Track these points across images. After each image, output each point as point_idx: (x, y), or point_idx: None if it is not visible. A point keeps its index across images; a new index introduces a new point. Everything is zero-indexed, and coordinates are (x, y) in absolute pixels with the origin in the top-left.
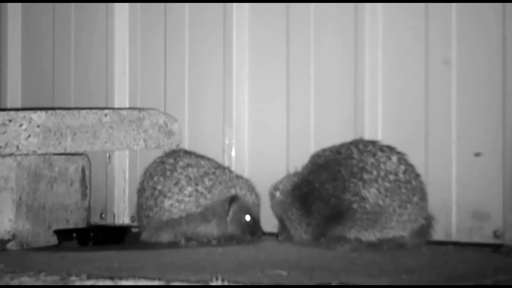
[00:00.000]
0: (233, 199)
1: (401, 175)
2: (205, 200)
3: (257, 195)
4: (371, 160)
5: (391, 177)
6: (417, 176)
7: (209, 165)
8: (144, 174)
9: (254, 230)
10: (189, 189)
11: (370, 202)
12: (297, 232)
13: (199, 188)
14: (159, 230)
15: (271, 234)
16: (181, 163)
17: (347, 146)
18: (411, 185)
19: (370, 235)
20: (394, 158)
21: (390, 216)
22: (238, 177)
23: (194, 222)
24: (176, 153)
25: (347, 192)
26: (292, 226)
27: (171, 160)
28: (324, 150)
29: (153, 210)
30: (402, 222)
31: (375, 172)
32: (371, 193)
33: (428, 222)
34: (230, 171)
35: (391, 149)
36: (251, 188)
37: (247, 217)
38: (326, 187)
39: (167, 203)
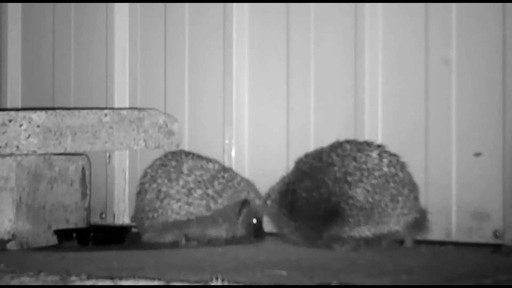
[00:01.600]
0: (244, 204)
1: (385, 169)
2: (216, 204)
3: (260, 195)
4: (352, 163)
5: (376, 173)
6: (403, 166)
7: (215, 168)
8: (144, 176)
9: (259, 231)
10: (199, 192)
11: (359, 200)
12: (288, 236)
13: (210, 192)
14: (163, 231)
15: (271, 234)
16: (185, 165)
17: (327, 153)
18: (398, 177)
19: (365, 231)
20: (374, 154)
21: (382, 212)
22: (243, 179)
23: (204, 225)
24: (178, 155)
25: (334, 196)
26: (283, 232)
27: (174, 162)
28: (307, 156)
29: (158, 212)
30: (396, 216)
31: (358, 173)
32: (358, 193)
33: (422, 215)
34: (235, 173)
35: (369, 145)
36: (257, 191)
37: (255, 220)
38: (313, 195)
39: (175, 205)
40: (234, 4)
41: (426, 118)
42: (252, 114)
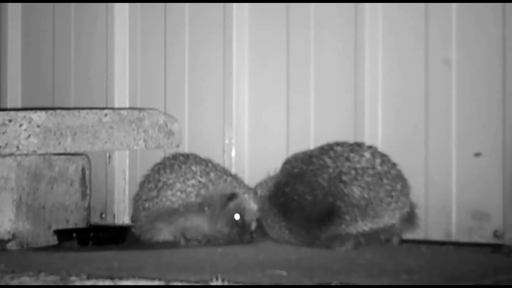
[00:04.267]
0: (232, 196)
1: (379, 168)
2: (207, 190)
3: (258, 203)
4: (346, 164)
5: (370, 171)
6: (394, 165)
7: (219, 167)
8: (152, 169)
9: (242, 232)
10: (193, 181)
11: (355, 197)
12: (279, 237)
13: (203, 179)
14: (156, 219)
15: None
16: (191, 161)
17: (318, 156)
18: (391, 174)
19: (362, 227)
20: (367, 154)
21: (377, 207)
22: (245, 184)
23: (190, 211)
24: (188, 155)
25: (329, 196)
26: (273, 232)
27: (181, 158)
28: (296, 160)
29: (154, 201)
30: (391, 210)
31: (353, 172)
32: (354, 190)
33: (412, 209)
34: (238, 177)
35: (360, 145)
36: (254, 197)
37: (237, 216)
38: (306, 198)
39: (169, 192)
40: (234, 4)
41: (426, 118)
42: (252, 114)
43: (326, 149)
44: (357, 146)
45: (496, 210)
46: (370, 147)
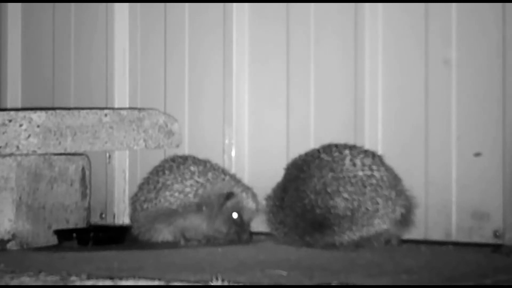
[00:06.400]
0: (229, 195)
1: (360, 173)
2: (204, 190)
3: (257, 203)
4: (330, 174)
5: (352, 180)
6: (380, 164)
7: (217, 167)
8: (151, 172)
9: (241, 231)
10: (191, 181)
11: (340, 209)
12: (278, 237)
13: (201, 180)
14: (155, 220)
15: (270, 234)
16: (189, 161)
17: (308, 163)
18: (375, 178)
19: (352, 236)
20: (347, 161)
21: (364, 215)
22: (243, 183)
23: (188, 211)
24: (186, 157)
25: (317, 208)
26: (271, 232)
27: (180, 159)
28: (293, 164)
29: (152, 202)
30: (379, 217)
31: (335, 183)
32: (338, 202)
33: (408, 210)
34: (235, 176)
35: (340, 151)
36: (253, 195)
37: (235, 215)
38: (298, 205)
39: (168, 193)
40: (234, 4)
41: (426, 118)
42: (252, 114)
43: (315, 156)
44: (339, 153)
45: (496, 210)
46: (351, 148)
